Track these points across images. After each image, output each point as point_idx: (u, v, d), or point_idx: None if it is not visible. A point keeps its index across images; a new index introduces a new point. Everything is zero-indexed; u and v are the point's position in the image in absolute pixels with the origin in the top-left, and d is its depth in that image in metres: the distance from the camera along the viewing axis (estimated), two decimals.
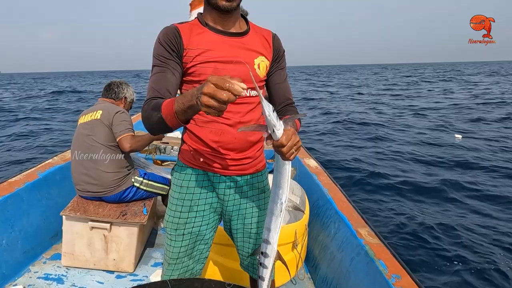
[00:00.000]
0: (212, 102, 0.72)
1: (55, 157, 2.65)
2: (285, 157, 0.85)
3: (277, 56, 1.25)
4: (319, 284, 2.04)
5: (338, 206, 2.17)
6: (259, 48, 1.19)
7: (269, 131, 0.82)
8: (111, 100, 2.26)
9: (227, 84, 0.71)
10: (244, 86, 0.74)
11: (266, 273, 1.04)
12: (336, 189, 2.43)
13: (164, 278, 1.27)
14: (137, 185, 2.19)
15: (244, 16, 1.23)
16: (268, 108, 0.79)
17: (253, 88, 1.18)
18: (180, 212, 1.22)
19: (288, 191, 0.96)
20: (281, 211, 0.96)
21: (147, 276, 2.09)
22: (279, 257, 1.06)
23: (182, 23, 1.16)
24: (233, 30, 1.16)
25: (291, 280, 2.08)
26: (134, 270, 2.14)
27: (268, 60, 1.21)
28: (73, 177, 2.13)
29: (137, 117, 4.52)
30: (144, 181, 2.23)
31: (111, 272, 2.11)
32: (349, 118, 10.78)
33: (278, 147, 0.82)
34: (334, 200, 2.26)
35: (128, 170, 2.18)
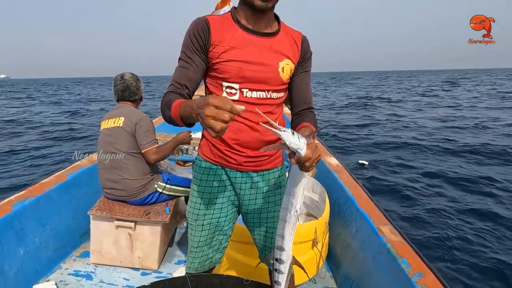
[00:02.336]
0: (213, 123, 0.73)
1: (82, 159, 2.77)
2: (305, 169, 0.88)
3: (303, 59, 1.24)
4: (341, 283, 2.02)
5: (359, 203, 2.14)
6: (286, 51, 1.18)
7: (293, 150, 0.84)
8: (131, 104, 2.25)
9: (228, 106, 0.73)
10: (243, 107, 0.75)
11: (282, 278, 1.05)
12: (357, 187, 2.39)
13: (187, 265, 1.35)
14: (160, 190, 2.23)
15: (276, 16, 1.22)
16: (286, 136, 0.80)
17: (274, 91, 1.18)
18: (200, 204, 1.28)
19: (302, 200, 0.96)
20: (295, 219, 0.97)
21: (170, 274, 2.14)
22: (295, 261, 1.06)
23: (214, 15, 1.16)
24: (263, 30, 1.16)
25: (312, 278, 2.06)
26: (159, 268, 2.20)
27: (294, 63, 1.21)
28: (100, 180, 2.21)
29: (159, 120, 4.63)
30: (167, 186, 2.25)
31: (137, 269, 2.18)
32: None
33: (304, 162, 0.85)
34: (355, 197, 2.22)
35: (151, 176, 2.20)
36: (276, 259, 1.03)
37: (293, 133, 0.81)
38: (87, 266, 2.19)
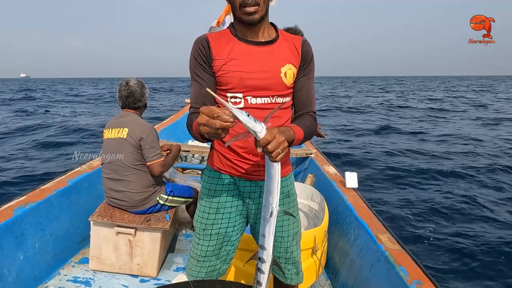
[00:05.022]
0: (207, 129, 0.82)
1: (83, 165, 2.78)
2: (271, 157, 0.86)
3: (304, 62, 1.25)
4: None
5: (358, 212, 2.17)
6: (287, 56, 1.21)
7: (254, 135, 0.85)
8: (135, 112, 2.24)
9: (215, 114, 0.81)
10: (231, 119, 0.81)
11: (263, 278, 1.05)
12: (356, 196, 2.43)
13: (192, 274, 1.33)
14: (162, 202, 2.24)
15: (273, 24, 1.26)
16: (241, 115, 0.82)
17: (279, 96, 1.21)
18: (208, 213, 1.29)
19: (278, 196, 0.96)
20: (271, 216, 0.98)
21: (169, 281, 2.14)
22: (274, 262, 1.07)
23: (214, 31, 1.24)
24: (261, 39, 1.20)
25: (311, 286, 2.07)
26: (157, 275, 2.20)
27: (296, 67, 1.23)
28: (104, 187, 2.22)
29: (161, 126, 4.66)
30: (169, 198, 2.26)
31: (135, 276, 2.18)
32: None
33: (264, 145, 0.84)
34: (353, 206, 2.25)
35: (154, 188, 2.21)
36: (259, 258, 1.04)
37: (248, 115, 0.83)
38: (86, 273, 2.18)
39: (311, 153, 3.57)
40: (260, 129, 0.84)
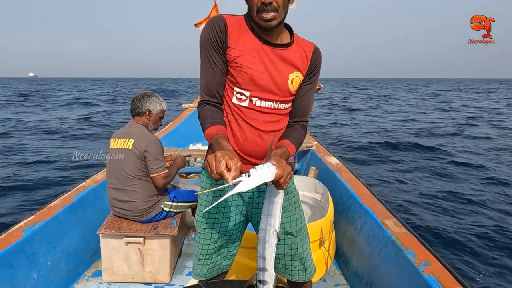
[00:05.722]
0: (209, 172, 0.93)
1: (87, 180, 2.81)
2: (280, 187, 0.93)
3: (312, 70, 1.23)
4: (351, 279, 2.05)
5: (362, 200, 2.18)
6: (297, 63, 1.19)
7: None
8: (141, 121, 2.25)
9: (219, 170, 0.90)
10: (231, 180, 0.89)
11: None
12: (359, 184, 2.44)
13: (195, 272, 1.38)
14: (167, 209, 2.26)
15: (289, 27, 1.22)
16: (256, 183, 0.89)
17: (282, 101, 1.20)
18: (209, 212, 1.31)
19: (280, 219, 1.01)
20: (276, 239, 1.01)
21: (183, 285, 2.17)
22: (279, 280, 1.09)
23: (232, 15, 1.17)
24: (276, 41, 1.17)
25: (322, 277, 2.09)
26: (171, 280, 2.22)
27: (302, 75, 1.22)
28: (109, 198, 2.25)
29: (161, 133, 4.67)
30: (174, 204, 2.29)
31: (149, 284, 2.21)
32: None
33: (277, 181, 0.92)
34: (357, 194, 2.26)
35: (158, 197, 2.24)
36: (260, 281, 1.04)
37: (249, 175, 0.88)
38: (100, 285, 2.21)
39: (312, 146, 3.59)
40: (270, 177, 0.90)
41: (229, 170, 0.89)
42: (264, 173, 0.87)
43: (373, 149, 7.68)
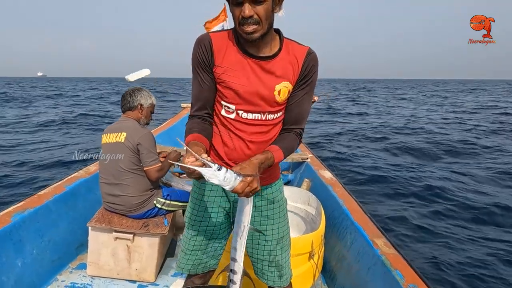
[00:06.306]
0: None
1: (80, 171, 2.78)
2: (239, 195, 0.99)
3: (304, 76, 1.19)
4: None
5: (354, 216, 2.20)
6: (284, 73, 1.17)
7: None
8: (133, 116, 2.25)
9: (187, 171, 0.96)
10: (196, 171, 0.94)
11: None
12: (352, 200, 2.46)
13: (179, 266, 1.42)
14: (159, 206, 2.26)
15: (279, 33, 1.20)
16: (218, 180, 0.92)
17: (270, 112, 1.21)
18: (197, 211, 1.36)
19: (249, 217, 1.08)
20: (245, 233, 1.08)
21: (167, 286, 2.15)
22: (245, 273, 1.14)
23: (219, 31, 1.20)
24: (261, 54, 1.16)
25: None
26: (155, 280, 2.20)
27: (292, 84, 1.19)
28: (101, 193, 2.24)
29: (157, 130, 4.66)
30: (166, 201, 2.29)
31: (134, 282, 2.18)
32: None
33: (235, 192, 0.97)
34: (349, 210, 2.29)
35: (151, 192, 2.24)
36: (231, 270, 1.11)
37: (219, 169, 0.92)
38: (84, 278, 2.18)
39: (307, 158, 3.61)
40: (232, 186, 0.94)
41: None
42: (228, 181, 0.93)
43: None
